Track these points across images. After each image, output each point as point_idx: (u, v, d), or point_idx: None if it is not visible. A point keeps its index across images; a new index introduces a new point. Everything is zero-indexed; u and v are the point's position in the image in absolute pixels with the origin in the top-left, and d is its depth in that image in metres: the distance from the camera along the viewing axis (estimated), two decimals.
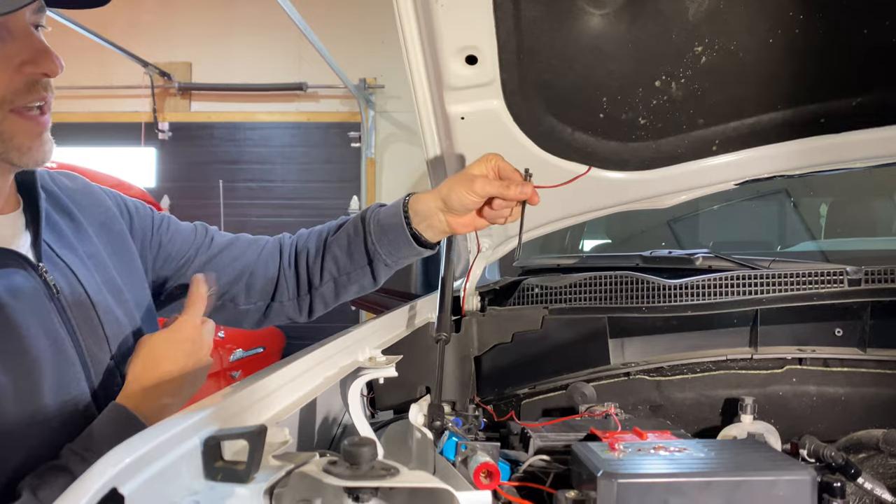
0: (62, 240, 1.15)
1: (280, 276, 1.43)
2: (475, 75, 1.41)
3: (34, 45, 1.00)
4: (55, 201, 1.18)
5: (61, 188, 1.23)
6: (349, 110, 7.79)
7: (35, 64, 0.99)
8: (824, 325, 1.48)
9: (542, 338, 1.60)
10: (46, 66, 1.01)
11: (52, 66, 1.01)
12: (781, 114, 1.48)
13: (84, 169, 4.64)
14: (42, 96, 1.03)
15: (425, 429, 1.13)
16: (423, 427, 1.14)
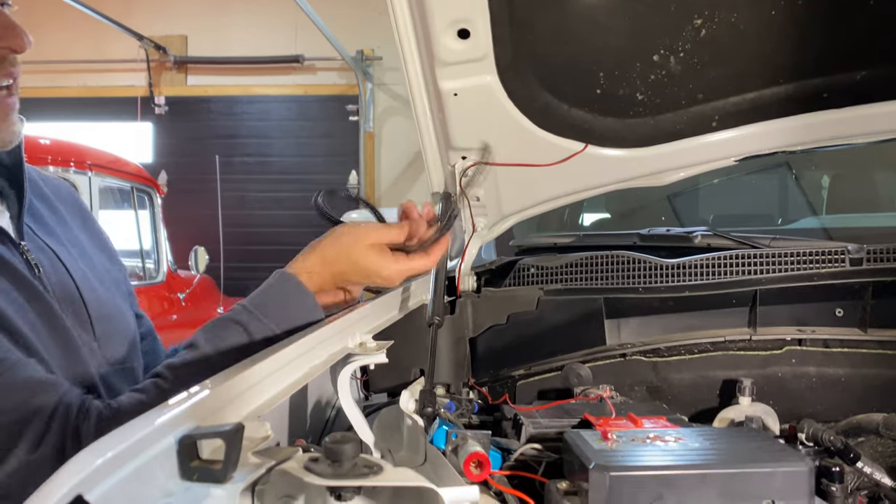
0: (44, 226, 1.15)
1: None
2: (468, 50, 1.36)
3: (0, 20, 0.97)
4: (37, 190, 1.18)
5: (43, 179, 1.23)
6: (347, 83, 7.72)
7: (1, 38, 0.97)
8: (825, 305, 1.45)
9: (538, 319, 1.57)
10: (12, 41, 0.98)
11: (18, 41, 1.00)
12: (783, 88, 1.44)
13: (80, 146, 4.60)
14: (9, 72, 1.00)
15: (416, 416, 1.10)
16: (413, 414, 1.11)
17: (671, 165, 1.59)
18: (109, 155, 4.89)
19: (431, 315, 1.28)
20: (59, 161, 4.21)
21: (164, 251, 5.23)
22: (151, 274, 5.07)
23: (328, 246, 1.18)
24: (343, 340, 1.14)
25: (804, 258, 1.47)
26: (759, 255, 1.50)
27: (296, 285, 1.11)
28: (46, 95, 7.41)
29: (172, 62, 7.75)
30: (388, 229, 1.19)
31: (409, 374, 1.55)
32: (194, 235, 6.60)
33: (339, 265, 1.16)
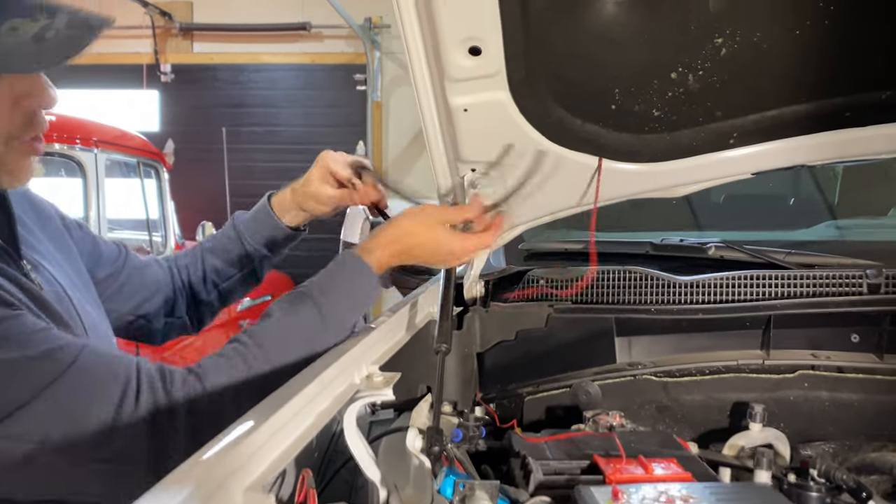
0: (27, 244, 1.15)
1: (176, 295, 1.50)
2: (479, 66, 1.32)
3: (31, 78, 1.00)
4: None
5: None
6: (354, 51, 7.59)
7: (32, 97, 1.00)
8: (840, 331, 1.43)
9: (547, 336, 1.55)
10: (43, 98, 1.02)
11: (48, 99, 1.03)
12: (805, 107, 1.39)
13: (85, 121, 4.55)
14: (40, 125, 1.04)
15: (423, 456, 1.09)
16: (420, 454, 1.10)
17: (686, 180, 1.55)
18: (115, 130, 4.84)
19: (438, 342, 1.26)
20: (64, 138, 4.17)
21: (172, 225, 5.21)
22: (159, 248, 5.06)
23: (400, 223, 1.27)
24: (349, 374, 1.12)
25: (821, 281, 1.44)
26: (774, 277, 1.47)
27: (360, 266, 1.22)
28: None
29: (178, 29, 7.63)
30: (454, 209, 1.34)
31: (417, 389, 1.54)
32: (201, 205, 6.59)
33: (408, 240, 1.25)
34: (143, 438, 0.95)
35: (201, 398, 1.01)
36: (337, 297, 1.19)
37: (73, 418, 0.90)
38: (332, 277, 1.21)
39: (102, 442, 0.92)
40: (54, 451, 0.88)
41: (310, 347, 1.13)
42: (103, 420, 0.93)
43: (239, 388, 1.04)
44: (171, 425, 0.98)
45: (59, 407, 0.90)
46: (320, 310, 1.16)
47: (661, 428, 1.51)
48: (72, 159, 4.17)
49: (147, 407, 0.96)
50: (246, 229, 1.50)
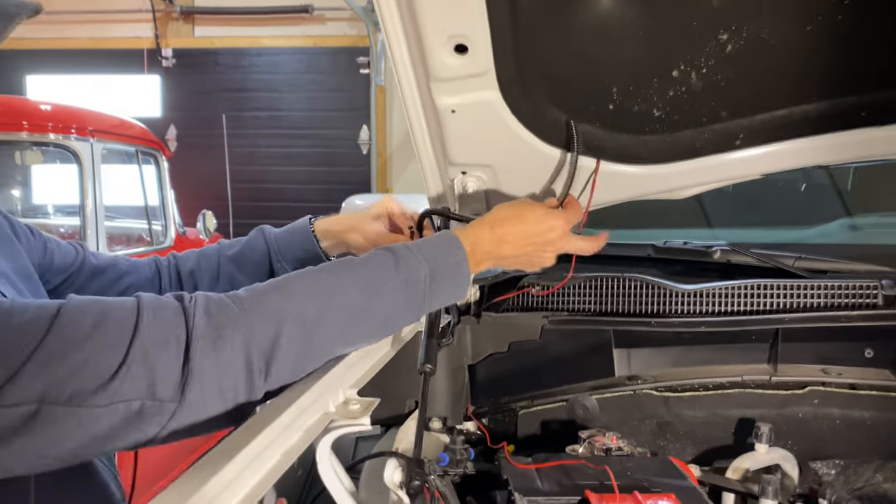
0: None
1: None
2: (466, 65, 1.23)
3: None
4: None
5: None
6: (357, 34, 7.48)
7: None
8: (853, 345, 1.34)
9: (541, 348, 1.48)
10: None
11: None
12: (816, 106, 1.29)
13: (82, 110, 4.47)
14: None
15: (401, 492, 1.02)
16: (398, 490, 1.03)
17: (689, 182, 1.46)
18: (113, 118, 4.76)
19: (422, 363, 1.18)
20: (59, 128, 4.09)
21: (172, 214, 5.14)
22: (159, 238, 4.99)
23: (491, 212, 1.16)
24: (324, 402, 1.05)
25: (831, 291, 1.35)
26: (783, 286, 1.38)
27: (454, 243, 1.07)
28: (51, 47, 7.25)
29: (179, 12, 7.53)
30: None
31: (404, 405, 1.47)
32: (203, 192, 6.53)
33: (505, 223, 1.12)
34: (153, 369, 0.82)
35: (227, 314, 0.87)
36: (420, 255, 1.01)
37: (71, 365, 0.78)
38: (422, 245, 1.05)
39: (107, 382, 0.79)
40: (56, 403, 0.77)
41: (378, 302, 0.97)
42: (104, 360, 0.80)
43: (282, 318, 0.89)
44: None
45: (54, 360, 0.78)
46: (397, 260, 0.99)
47: (662, 445, 1.43)
48: (67, 149, 4.10)
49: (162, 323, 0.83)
50: (280, 247, 1.38)
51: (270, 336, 0.87)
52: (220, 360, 0.84)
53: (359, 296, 0.95)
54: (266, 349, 0.87)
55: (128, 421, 0.79)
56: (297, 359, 0.91)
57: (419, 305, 1.01)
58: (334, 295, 0.94)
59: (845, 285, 1.36)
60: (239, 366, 0.86)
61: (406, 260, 0.99)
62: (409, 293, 0.99)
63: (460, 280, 1.05)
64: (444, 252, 1.04)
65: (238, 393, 0.86)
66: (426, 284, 1.00)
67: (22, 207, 5.17)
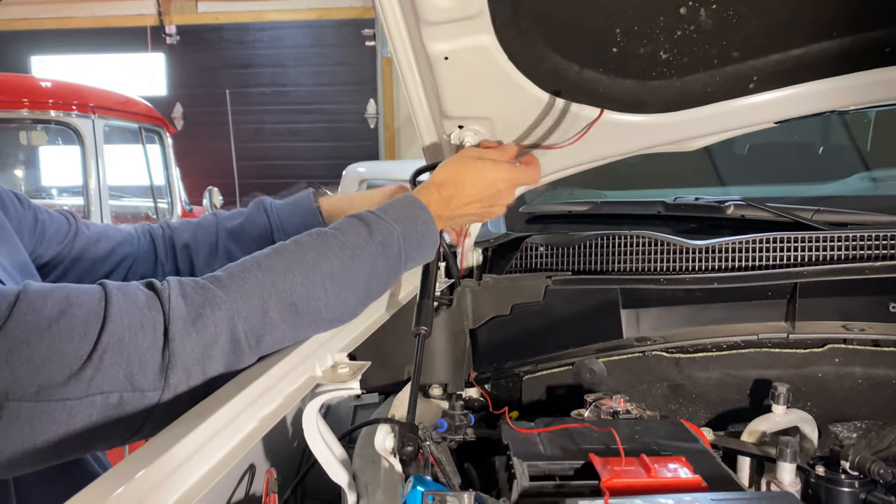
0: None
1: (158, 271, 1.29)
2: (458, 7, 1.15)
3: None
4: None
5: None
6: (362, 5, 7.36)
7: None
8: (877, 299, 1.26)
9: (545, 310, 1.41)
10: None
11: None
12: (837, 42, 1.20)
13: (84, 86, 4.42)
14: None
15: (393, 458, 0.96)
16: (390, 456, 0.97)
17: (700, 132, 1.38)
18: (117, 95, 4.70)
19: (416, 325, 1.12)
20: (60, 105, 4.03)
21: (178, 191, 5.10)
22: (165, 216, 4.96)
23: (440, 170, 1.18)
24: (310, 365, 0.98)
25: (854, 243, 1.27)
26: (801, 240, 1.30)
27: (414, 202, 1.10)
28: (54, 27, 7.19)
29: None
30: (491, 149, 1.25)
31: (403, 372, 1.41)
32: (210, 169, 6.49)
33: (456, 180, 1.15)
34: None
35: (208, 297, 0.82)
36: (388, 218, 1.02)
37: (35, 356, 0.72)
38: (387, 209, 1.05)
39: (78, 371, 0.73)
40: (22, 399, 0.71)
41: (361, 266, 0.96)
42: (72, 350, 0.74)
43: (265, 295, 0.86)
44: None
45: (15, 351, 0.72)
46: (369, 228, 0.99)
47: (674, 409, 1.37)
48: (68, 126, 4.04)
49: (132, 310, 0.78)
50: (283, 223, 1.32)
51: (257, 311, 0.84)
52: (203, 340, 0.79)
53: (338, 263, 0.94)
54: (255, 324, 0.83)
55: (107, 415, 0.74)
56: (287, 332, 0.88)
57: (396, 267, 1.02)
58: (314, 264, 0.92)
59: (867, 236, 1.27)
60: (223, 345, 0.81)
61: (377, 224, 1.00)
62: (386, 255, 0.99)
63: (430, 238, 1.07)
64: (410, 214, 1.06)
65: (226, 375, 0.82)
66: (400, 245, 1.01)
67: (26, 189, 5.14)
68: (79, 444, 0.74)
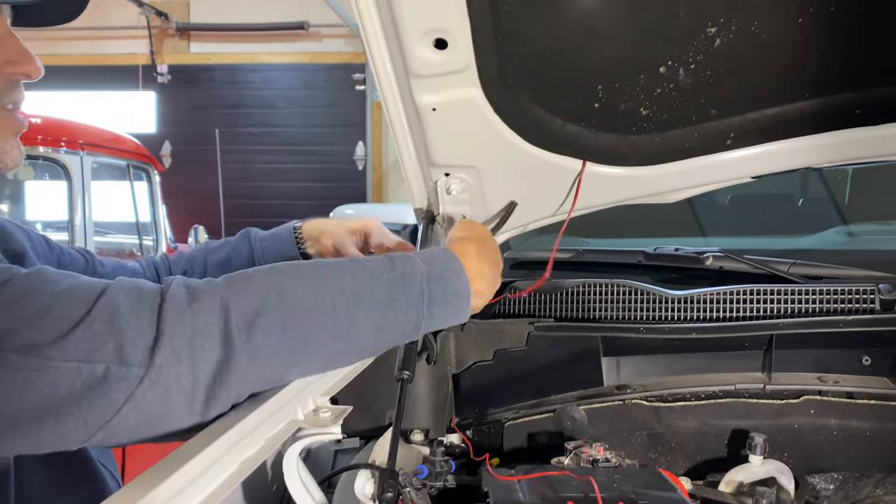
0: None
1: None
2: (446, 61, 1.19)
3: (15, 46, 0.97)
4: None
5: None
6: (353, 50, 7.49)
7: (17, 64, 0.96)
8: (850, 352, 1.29)
9: (528, 356, 1.42)
10: (28, 66, 0.97)
11: (33, 68, 0.98)
12: (810, 103, 1.25)
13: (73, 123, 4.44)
14: (20, 99, 0.99)
15: None
16: (370, 502, 0.97)
17: (679, 185, 1.42)
18: (105, 132, 4.73)
19: (399, 369, 1.13)
20: (49, 141, 4.05)
21: (163, 229, 5.10)
22: (149, 253, 4.94)
23: (459, 229, 1.15)
24: (291, 409, 0.99)
25: (828, 297, 1.30)
26: (777, 292, 1.33)
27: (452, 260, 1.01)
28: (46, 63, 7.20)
29: (174, 29, 7.54)
30: None
31: (385, 416, 1.41)
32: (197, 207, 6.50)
33: (478, 239, 1.10)
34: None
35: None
36: (416, 260, 0.96)
37: (30, 310, 0.74)
38: (421, 252, 1.01)
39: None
40: (10, 349, 0.71)
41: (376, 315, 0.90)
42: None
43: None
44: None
45: (14, 304, 0.74)
46: (393, 262, 0.94)
47: (653, 457, 1.38)
48: (56, 162, 4.06)
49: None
50: (264, 251, 1.37)
51: (254, 305, 0.81)
52: (195, 324, 0.78)
53: (352, 280, 0.89)
54: (249, 319, 0.80)
55: (90, 386, 0.73)
56: (282, 336, 0.83)
57: (418, 306, 0.92)
58: (326, 277, 0.89)
59: (841, 290, 1.31)
60: (215, 336, 0.78)
61: (402, 259, 0.95)
62: (406, 289, 0.92)
63: (458, 286, 0.97)
64: (439, 258, 0.99)
65: (211, 369, 0.78)
66: (423, 283, 0.93)
67: None
68: (61, 414, 0.73)
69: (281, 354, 0.84)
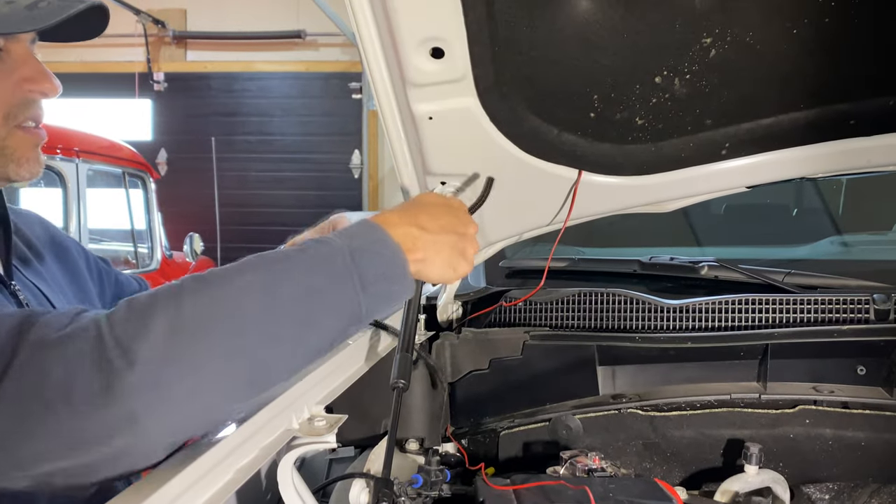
0: (27, 265, 1.12)
1: None
2: (442, 71, 1.19)
3: (33, 65, 0.99)
4: (14, 227, 1.13)
5: (17, 214, 1.18)
6: (349, 59, 7.51)
7: (34, 82, 0.99)
8: (845, 362, 1.29)
9: (523, 365, 1.42)
10: (46, 85, 1.00)
11: (51, 86, 1.01)
12: (804, 114, 1.26)
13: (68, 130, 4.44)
14: (38, 115, 1.02)
15: None
16: None
17: (674, 194, 1.42)
18: (101, 140, 4.73)
19: (395, 377, 1.13)
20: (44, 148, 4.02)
21: (158, 237, 5.09)
22: (145, 261, 4.94)
23: (410, 202, 1.03)
24: (286, 417, 0.99)
25: (823, 306, 1.30)
26: (772, 301, 1.33)
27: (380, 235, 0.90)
28: None
29: (171, 37, 7.54)
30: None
31: (380, 425, 1.41)
32: (194, 214, 6.49)
33: (423, 211, 0.97)
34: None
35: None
36: (332, 238, 0.85)
37: None
38: (346, 231, 0.89)
39: None
40: None
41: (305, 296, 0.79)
42: None
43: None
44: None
45: None
46: (304, 248, 0.83)
47: (649, 467, 1.37)
48: (51, 169, 4.05)
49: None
50: None
51: (142, 328, 0.69)
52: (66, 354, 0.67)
53: (262, 275, 0.78)
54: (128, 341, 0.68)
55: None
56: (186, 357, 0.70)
57: (347, 285, 0.81)
58: (229, 279, 0.77)
59: (836, 300, 1.31)
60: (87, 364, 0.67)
61: (313, 243, 0.84)
62: (329, 271, 0.81)
63: (391, 258, 0.87)
64: (358, 231, 0.88)
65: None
66: (348, 261, 0.82)
67: None
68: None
69: (193, 377, 0.71)
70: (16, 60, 0.98)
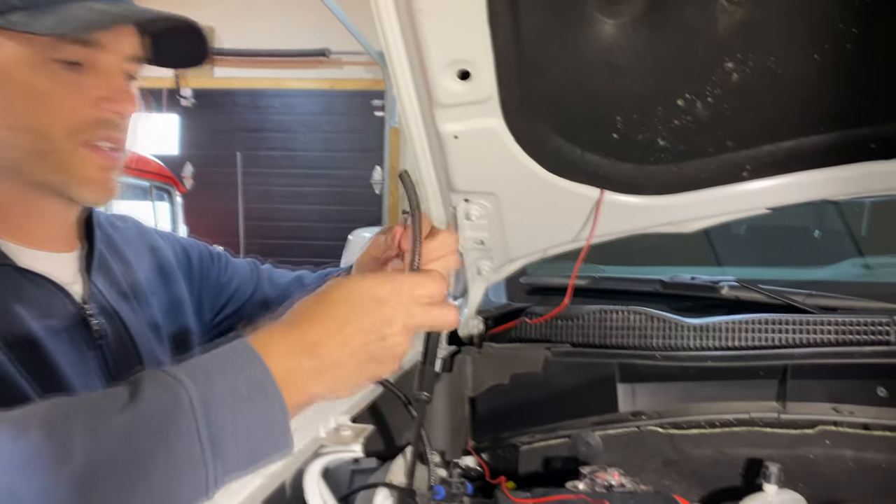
0: (111, 282, 1.09)
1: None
2: (469, 91, 1.22)
3: (115, 84, 0.96)
4: (108, 241, 1.14)
5: (114, 227, 1.19)
6: (373, 77, 7.58)
7: (112, 102, 0.95)
8: (865, 383, 1.30)
9: (544, 381, 1.44)
10: (119, 106, 0.96)
11: (126, 108, 0.98)
12: (825, 137, 1.27)
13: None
14: (114, 137, 0.98)
15: None
16: None
17: (696, 215, 1.44)
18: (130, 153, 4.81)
19: (418, 390, 1.15)
20: None
21: None
22: None
23: (320, 294, 0.77)
24: (314, 426, 1.02)
25: (844, 328, 1.31)
26: (793, 322, 1.34)
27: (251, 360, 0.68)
28: None
29: None
30: (413, 277, 0.83)
31: (401, 437, 1.43)
32: (217, 228, 6.57)
33: (311, 324, 0.73)
34: None
35: None
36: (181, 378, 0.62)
37: None
38: (201, 360, 0.67)
39: None
40: None
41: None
42: None
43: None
44: None
45: None
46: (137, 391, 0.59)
47: (668, 484, 1.38)
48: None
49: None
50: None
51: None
52: None
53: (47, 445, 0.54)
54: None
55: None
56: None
57: (194, 461, 0.59)
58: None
59: (857, 322, 1.32)
60: None
61: (153, 382, 0.60)
62: (165, 437, 0.57)
63: (264, 411, 0.64)
64: (220, 361, 0.65)
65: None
66: (197, 416, 0.59)
67: None
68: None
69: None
70: (98, 76, 0.94)
